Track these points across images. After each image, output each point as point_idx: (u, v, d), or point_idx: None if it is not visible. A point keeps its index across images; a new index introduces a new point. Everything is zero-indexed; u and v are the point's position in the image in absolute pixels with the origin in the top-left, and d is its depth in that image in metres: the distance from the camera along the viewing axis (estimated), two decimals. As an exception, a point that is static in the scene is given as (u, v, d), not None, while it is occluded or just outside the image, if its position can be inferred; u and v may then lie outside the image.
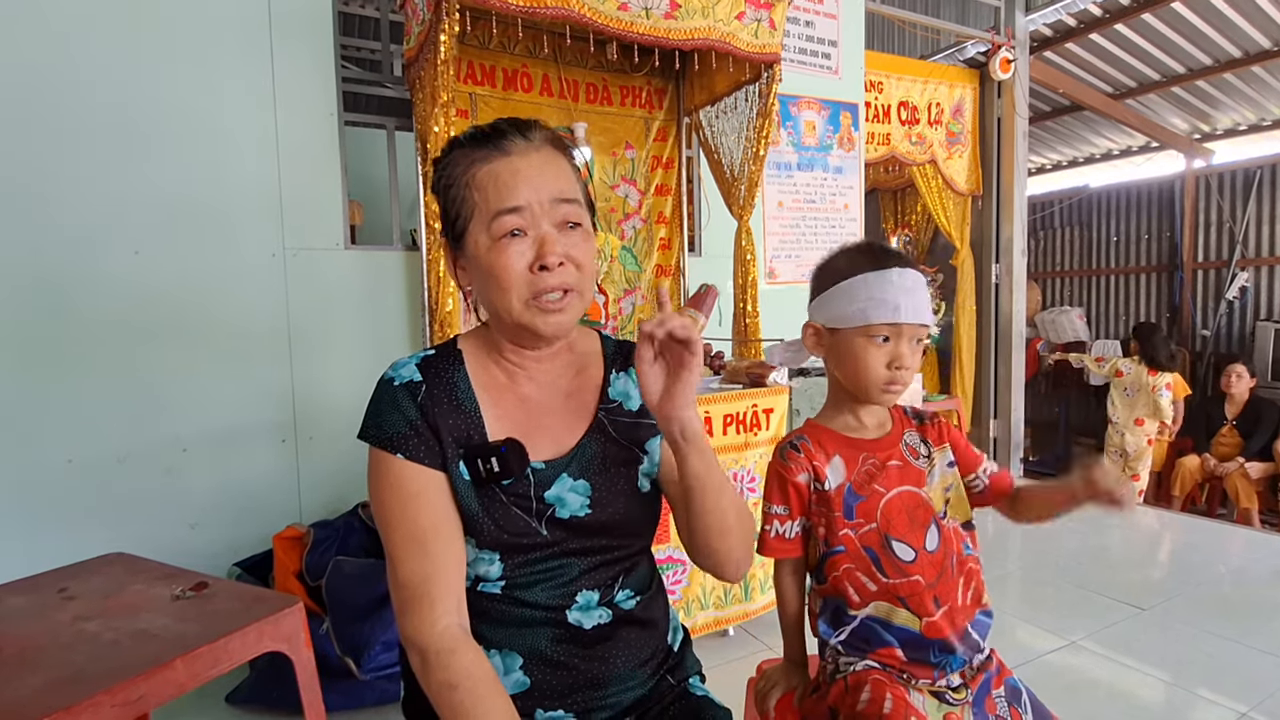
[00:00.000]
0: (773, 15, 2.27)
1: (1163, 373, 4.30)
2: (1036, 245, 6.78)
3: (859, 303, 1.03)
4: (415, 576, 0.83)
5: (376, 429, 0.86)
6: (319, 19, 2.40)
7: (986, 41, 4.41)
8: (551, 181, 0.85)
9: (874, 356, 1.03)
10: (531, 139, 0.87)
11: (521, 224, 0.84)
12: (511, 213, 0.83)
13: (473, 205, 0.86)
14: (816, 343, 1.11)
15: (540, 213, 0.84)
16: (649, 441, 0.97)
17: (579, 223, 0.87)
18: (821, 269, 1.12)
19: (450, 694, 0.78)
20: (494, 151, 0.86)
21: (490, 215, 0.84)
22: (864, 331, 1.03)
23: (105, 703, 0.93)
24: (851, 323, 1.04)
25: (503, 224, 0.83)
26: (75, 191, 2.07)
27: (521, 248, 0.84)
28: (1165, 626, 2.42)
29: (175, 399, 2.20)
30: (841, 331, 1.06)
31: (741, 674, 1.27)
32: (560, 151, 0.90)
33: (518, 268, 0.84)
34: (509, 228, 0.84)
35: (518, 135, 0.87)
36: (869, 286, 1.02)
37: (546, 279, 0.84)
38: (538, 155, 0.86)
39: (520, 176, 0.84)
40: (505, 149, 0.86)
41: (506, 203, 0.83)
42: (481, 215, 0.85)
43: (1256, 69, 4.88)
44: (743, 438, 2.18)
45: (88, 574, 1.35)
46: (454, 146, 0.90)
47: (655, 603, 0.98)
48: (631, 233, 3.02)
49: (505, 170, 0.85)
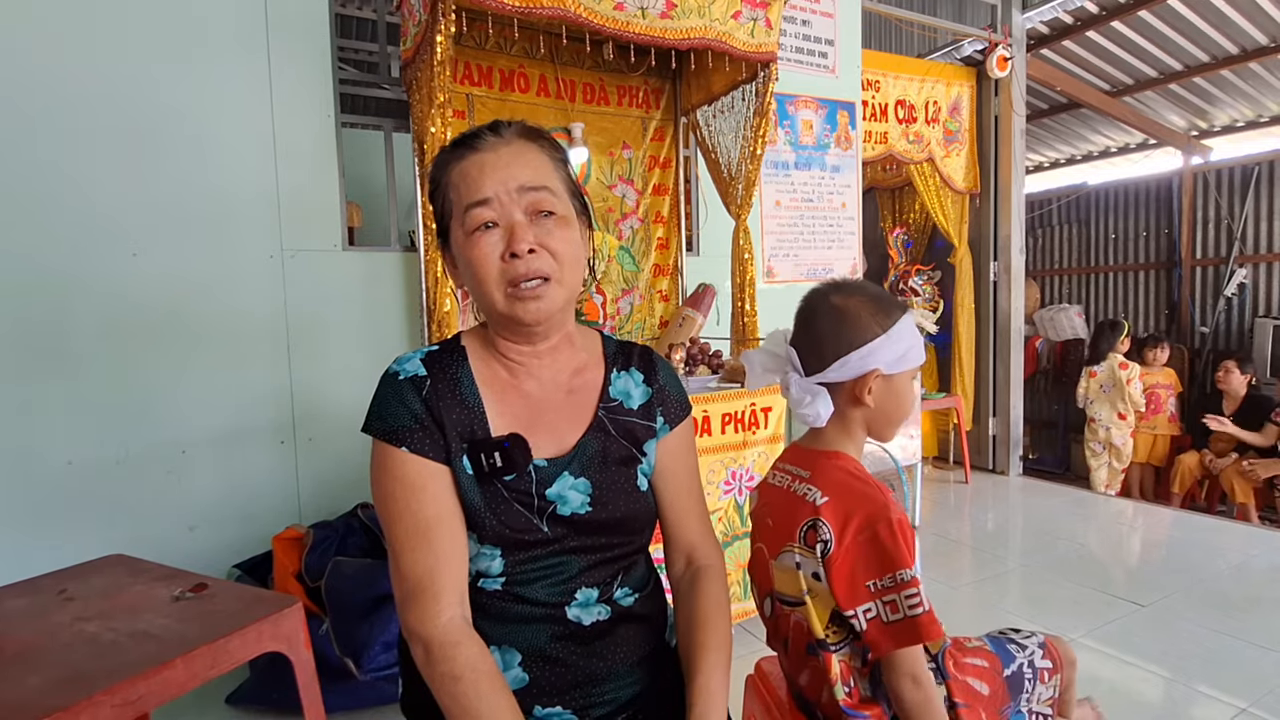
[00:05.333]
0: (769, 14, 2.27)
1: (1133, 364, 4.54)
2: (1035, 243, 6.78)
3: (910, 345, 1.03)
4: (419, 569, 0.83)
5: (381, 422, 0.87)
6: (316, 21, 2.40)
7: (984, 40, 4.41)
8: (519, 171, 0.87)
9: (907, 392, 1.05)
10: (502, 134, 0.90)
11: (492, 215, 0.86)
12: (480, 205, 0.86)
13: (450, 204, 0.89)
14: (867, 390, 1.03)
15: (509, 202, 0.86)
16: (647, 443, 0.97)
17: (553, 210, 0.88)
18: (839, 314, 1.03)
19: (453, 685, 0.79)
20: (466, 150, 0.89)
21: (462, 210, 0.87)
22: (911, 374, 1.05)
23: (105, 703, 0.94)
24: (911, 364, 1.04)
25: (474, 217, 0.86)
26: (74, 194, 2.07)
27: (494, 239, 0.86)
28: (1165, 623, 2.42)
29: (174, 400, 2.21)
30: (898, 376, 1.04)
31: (740, 671, 1.27)
32: (533, 142, 0.91)
33: (491, 258, 0.86)
34: (480, 220, 0.86)
35: (489, 133, 0.90)
36: (908, 329, 1.04)
37: (518, 266, 0.85)
38: (507, 148, 0.88)
39: (486, 169, 0.86)
40: (476, 146, 0.88)
41: (474, 196, 0.86)
42: (457, 211, 0.88)
43: (1254, 65, 4.87)
44: (741, 436, 2.19)
45: (87, 575, 1.35)
46: (441, 152, 0.93)
47: (653, 600, 0.99)
48: (629, 232, 3.02)
49: (473, 166, 0.87)
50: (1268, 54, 4.72)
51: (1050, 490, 4.38)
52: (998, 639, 1.15)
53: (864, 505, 0.97)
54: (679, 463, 1.01)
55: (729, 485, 2.19)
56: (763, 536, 1.09)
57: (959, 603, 2.66)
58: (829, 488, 1.00)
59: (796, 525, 1.00)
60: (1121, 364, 4.55)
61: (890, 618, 0.92)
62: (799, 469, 1.07)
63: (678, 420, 1.02)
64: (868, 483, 1.00)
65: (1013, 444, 4.65)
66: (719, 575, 1.00)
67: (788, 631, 1.05)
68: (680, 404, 1.03)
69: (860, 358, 1.01)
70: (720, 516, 2.19)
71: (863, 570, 0.94)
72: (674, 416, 1.01)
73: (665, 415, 1.00)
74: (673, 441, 1.00)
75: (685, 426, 1.03)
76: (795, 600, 1.01)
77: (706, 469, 2.13)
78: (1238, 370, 4.52)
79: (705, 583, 0.97)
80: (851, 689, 1.00)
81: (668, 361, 1.06)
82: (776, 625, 1.08)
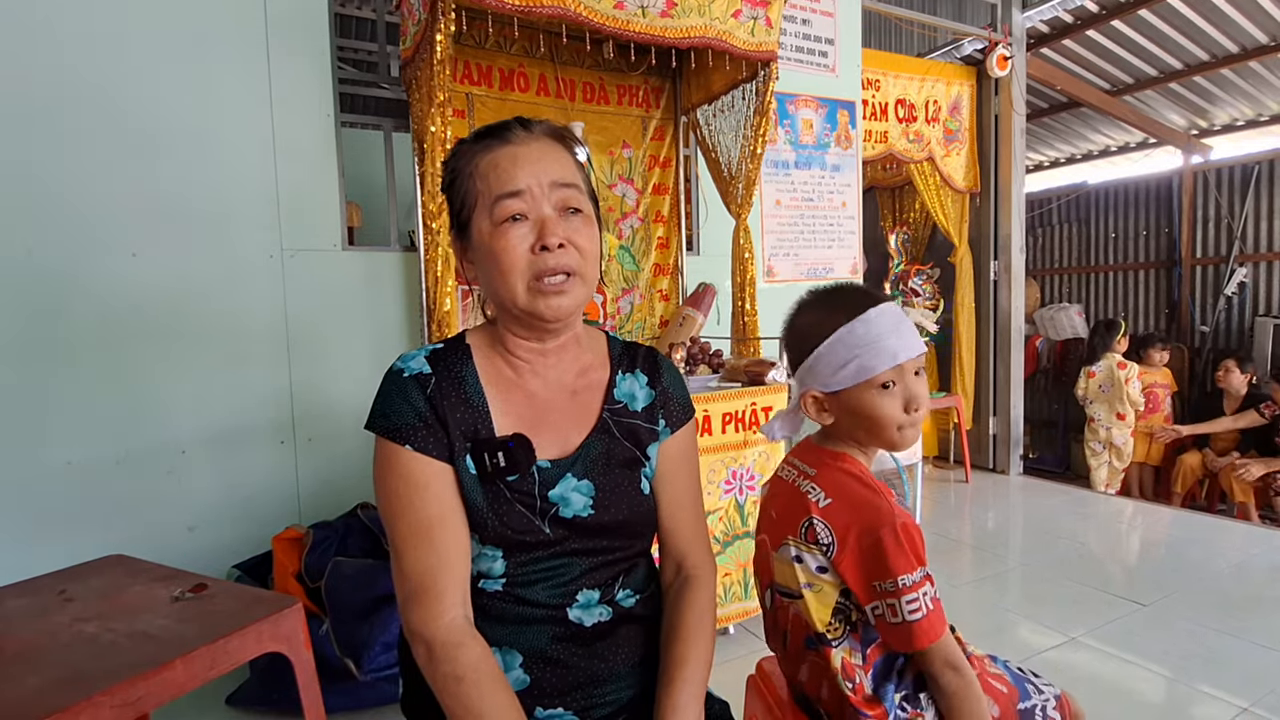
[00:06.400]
0: (769, 13, 2.27)
1: (1131, 364, 4.55)
2: (1035, 242, 6.77)
3: (852, 357, 0.96)
4: (421, 568, 0.83)
5: (385, 419, 0.86)
6: (315, 20, 2.40)
7: (984, 39, 4.40)
8: (551, 166, 0.87)
9: (888, 406, 0.97)
10: (532, 130, 0.90)
11: (523, 208, 0.86)
12: (512, 196, 0.85)
13: (476, 193, 0.88)
14: (821, 409, 1.02)
15: (540, 195, 0.86)
16: (650, 446, 0.97)
17: (580, 208, 0.89)
18: (793, 332, 1.03)
19: (456, 686, 0.79)
20: (496, 141, 0.88)
21: (492, 200, 0.86)
22: (868, 385, 0.97)
23: (105, 703, 0.94)
24: (853, 380, 0.97)
25: (504, 208, 0.85)
26: (73, 193, 2.07)
27: (523, 231, 0.86)
28: (1166, 622, 2.42)
29: (174, 401, 2.20)
30: (844, 392, 0.99)
31: (741, 671, 1.27)
32: (559, 142, 0.92)
33: (519, 250, 0.85)
34: (511, 211, 0.85)
35: (519, 127, 0.90)
36: (856, 337, 0.95)
37: (547, 260, 0.85)
38: (537, 144, 0.89)
39: (520, 161, 0.86)
40: (507, 139, 0.88)
41: (507, 186, 0.85)
42: (484, 201, 0.87)
43: (1254, 64, 4.87)
44: (741, 436, 2.18)
45: (87, 576, 1.35)
46: (461, 144, 0.92)
47: (654, 601, 0.99)
48: (629, 232, 3.01)
49: (505, 157, 0.87)
50: (1268, 53, 4.72)
51: (1050, 489, 4.38)
52: (1018, 674, 1.14)
53: (865, 512, 0.96)
54: (678, 467, 1.00)
55: (729, 485, 2.19)
56: (766, 528, 1.09)
57: (959, 602, 2.66)
58: (831, 490, 1.00)
59: (798, 521, 1.00)
60: (1120, 364, 4.55)
61: (891, 620, 0.93)
62: (806, 466, 1.06)
63: (680, 423, 1.01)
64: (871, 487, 0.99)
65: (1013, 443, 4.65)
66: (707, 585, 0.99)
67: (786, 624, 1.06)
68: (683, 407, 1.03)
69: (799, 381, 1.01)
70: (720, 516, 2.19)
71: (869, 573, 0.94)
72: (676, 420, 1.01)
73: (667, 418, 0.99)
74: (673, 445, 1.00)
75: (687, 430, 1.03)
76: (794, 593, 1.01)
77: (707, 468, 2.13)
78: (1237, 369, 4.53)
79: (692, 593, 0.97)
80: (856, 685, 0.99)
81: (673, 364, 1.05)
82: (775, 618, 1.09)
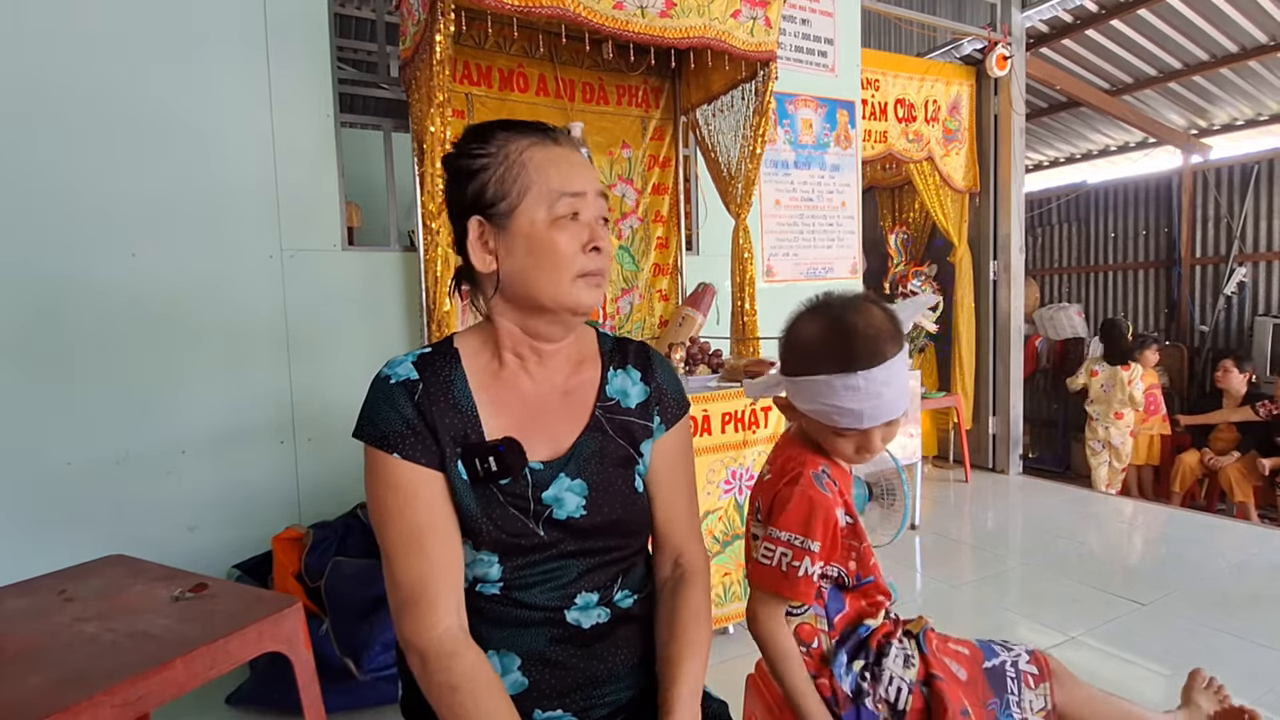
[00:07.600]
0: (768, 13, 2.27)
1: (1134, 365, 4.55)
2: (1034, 242, 6.77)
3: (825, 404, 0.98)
4: (412, 576, 0.83)
5: (373, 428, 0.86)
6: (315, 21, 2.40)
7: (983, 38, 4.40)
8: (597, 177, 0.93)
9: (842, 446, 1.05)
10: (571, 139, 0.95)
11: (580, 208, 0.89)
12: (576, 196, 0.89)
13: (528, 182, 0.88)
14: (789, 410, 1.08)
15: (593, 201, 0.91)
16: (644, 443, 0.97)
17: (607, 218, 0.94)
18: (789, 337, 1.05)
19: (451, 696, 0.79)
20: (547, 139, 0.91)
21: (555, 195, 0.88)
22: (830, 427, 1.01)
23: (105, 703, 0.93)
24: (820, 419, 1.01)
25: (568, 205, 0.88)
26: (72, 194, 2.07)
27: (577, 229, 0.89)
28: (1165, 621, 2.42)
29: (173, 401, 2.20)
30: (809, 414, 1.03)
31: (741, 671, 1.27)
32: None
33: (574, 245, 0.88)
34: (573, 209, 0.89)
35: (557, 132, 0.93)
36: (835, 393, 0.96)
37: (597, 260, 0.90)
38: (576, 153, 0.93)
39: (578, 167, 0.91)
40: (557, 140, 0.92)
41: (572, 186, 0.89)
42: (540, 193, 0.88)
43: (1253, 64, 4.87)
44: (741, 435, 2.18)
45: (87, 576, 1.35)
46: (490, 129, 0.91)
47: (653, 601, 0.99)
48: (629, 232, 3.02)
49: (563, 158, 0.90)
50: (1267, 52, 4.72)
51: (1050, 489, 4.38)
52: (984, 640, 1.16)
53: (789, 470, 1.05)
54: (674, 464, 1.00)
55: (729, 485, 2.19)
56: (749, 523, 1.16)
57: (959, 602, 2.66)
58: (776, 468, 1.09)
59: (754, 502, 1.12)
60: (1123, 365, 4.55)
61: (753, 554, 1.05)
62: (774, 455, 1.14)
63: (674, 419, 1.01)
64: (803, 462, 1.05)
65: (1013, 443, 4.65)
66: (702, 581, 0.99)
67: None
68: (678, 403, 1.02)
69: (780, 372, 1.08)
70: (720, 516, 2.19)
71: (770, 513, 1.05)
72: (671, 416, 1.00)
73: (662, 415, 0.99)
74: (668, 442, 0.99)
75: (682, 426, 1.02)
76: None
77: (707, 468, 2.13)
78: (1236, 369, 4.53)
79: (688, 589, 0.97)
80: (813, 649, 1.05)
81: (665, 358, 1.05)
82: None
